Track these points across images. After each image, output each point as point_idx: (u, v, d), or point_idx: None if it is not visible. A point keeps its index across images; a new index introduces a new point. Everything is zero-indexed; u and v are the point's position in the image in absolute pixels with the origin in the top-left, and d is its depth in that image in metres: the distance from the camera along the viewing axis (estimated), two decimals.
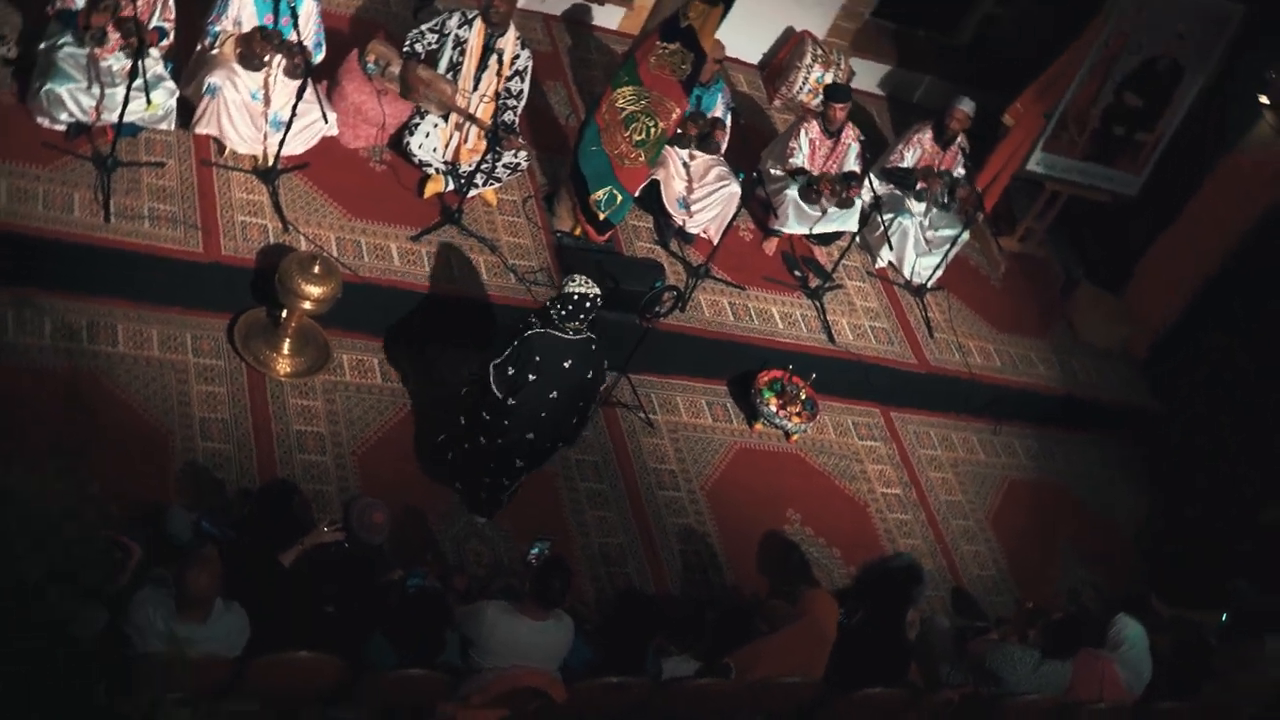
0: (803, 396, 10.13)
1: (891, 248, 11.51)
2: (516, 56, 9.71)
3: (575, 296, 7.89)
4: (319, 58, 9.23)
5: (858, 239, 11.54)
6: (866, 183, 10.96)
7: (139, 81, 8.51)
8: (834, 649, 7.83)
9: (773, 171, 11.15)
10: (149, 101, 8.72)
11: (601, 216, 9.92)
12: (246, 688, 6.52)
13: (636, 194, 10.11)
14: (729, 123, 10.90)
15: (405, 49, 9.59)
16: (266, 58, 8.95)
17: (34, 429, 7.37)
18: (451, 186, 9.82)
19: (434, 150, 9.72)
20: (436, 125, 9.69)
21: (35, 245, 8.21)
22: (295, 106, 8.95)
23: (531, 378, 7.91)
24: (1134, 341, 12.78)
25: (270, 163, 9.21)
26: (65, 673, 5.28)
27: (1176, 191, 12.70)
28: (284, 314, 8.55)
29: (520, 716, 6.85)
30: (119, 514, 7.06)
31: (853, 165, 11.10)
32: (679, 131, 10.35)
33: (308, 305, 8.41)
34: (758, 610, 8.39)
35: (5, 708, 4.71)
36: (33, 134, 8.62)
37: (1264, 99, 12.05)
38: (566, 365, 7.97)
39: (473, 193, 9.86)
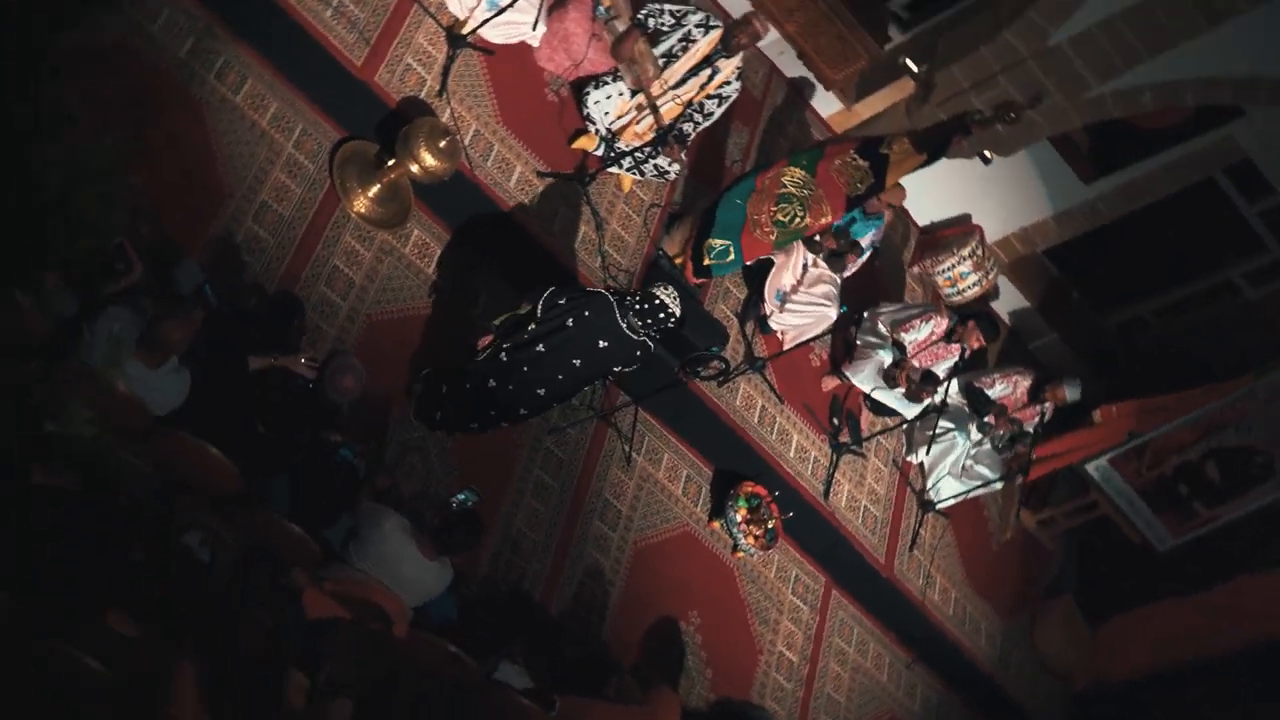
0: (769, 525, 10.08)
1: (928, 453, 11.47)
2: (727, 83, 9.74)
3: (657, 301, 7.93)
4: None
5: (905, 427, 11.50)
6: (944, 389, 10.94)
7: None
8: None
9: (878, 325, 11.12)
10: None
11: (706, 262, 9.92)
12: (149, 448, 6.51)
13: (748, 263, 10.12)
14: (865, 258, 10.90)
15: (639, 14, 9.63)
16: None
17: (128, 113, 7.44)
18: (600, 152, 9.84)
19: (605, 114, 9.75)
20: (621, 94, 9.71)
21: None
22: (517, 1, 9.01)
23: (569, 324, 7.89)
24: (1078, 675, 12.67)
25: (464, 32, 9.26)
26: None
27: (1211, 575, 12.58)
28: (390, 163, 8.56)
29: (355, 626, 6.79)
30: (143, 231, 7.10)
31: (942, 370, 11.06)
32: (817, 237, 10.36)
33: (415, 169, 8.43)
34: (612, 675, 8.33)
35: None
36: None
37: None
38: (602, 345, 7.94)
39: (613, 170, 9.89)
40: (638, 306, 7.92)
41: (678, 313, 7.96)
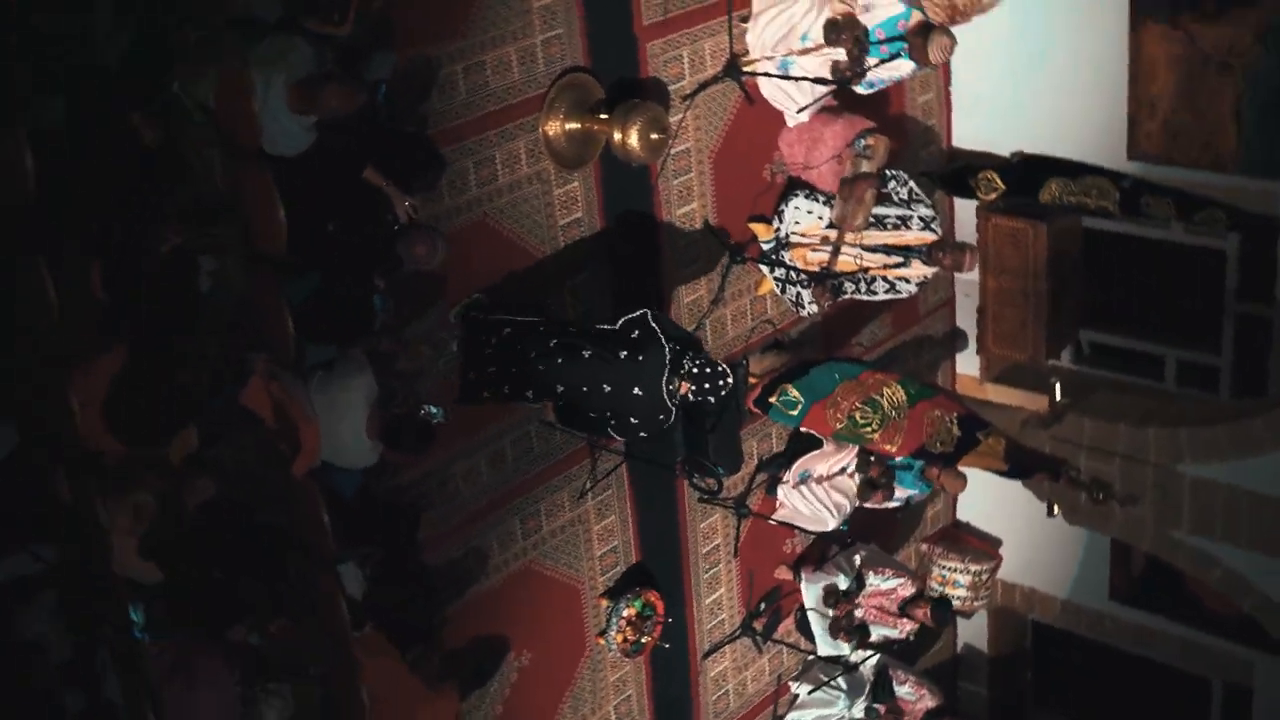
0: (643, 639, 9.99)
1: (809, 694, 11.35)
2: (906, 280, 9.78)
3: (720, 368, 7.95)
4: (862, 89, 9.32)
5: (811, 657, 11.40)
6: (864, 653, 10.87)
7: None
8: None
9: (854, 557, 11.03)
10: None
11: (771, 400, 9.89)
12: (237, 167, 6.55)
13: (802, 430, 10.09)
14: (890, 505, 10.82)
15: (887, 170, 9.67)
16: (845, 36, 8.93)
17: None
18: (766, 248, 9.87)
19: (795, 222, 9.79)
20: (821, 218, 9.74)
21: None
22: (805, 80, 9.08)
23: (622, 355, 7.89)
24: None
25: (744, 68, 9.32)
26: None
27: None
28: (602, 116, 8.63)
29: (269, 435, 6.79)
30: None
31: (883, 634, 10.97)
32: (871, 457, 10.31)
33: (617, 138, 8.53)
34: (423, 645, 8.30)
35: None
36: None
37: None
38: (636, 392, 7.93)
39: (763, 269, 9.91)
40: (695, 369, 7.87)
41: (728, 384, 7.94)
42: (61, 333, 6.01)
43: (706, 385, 7.90)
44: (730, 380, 8.00)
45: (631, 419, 8.09)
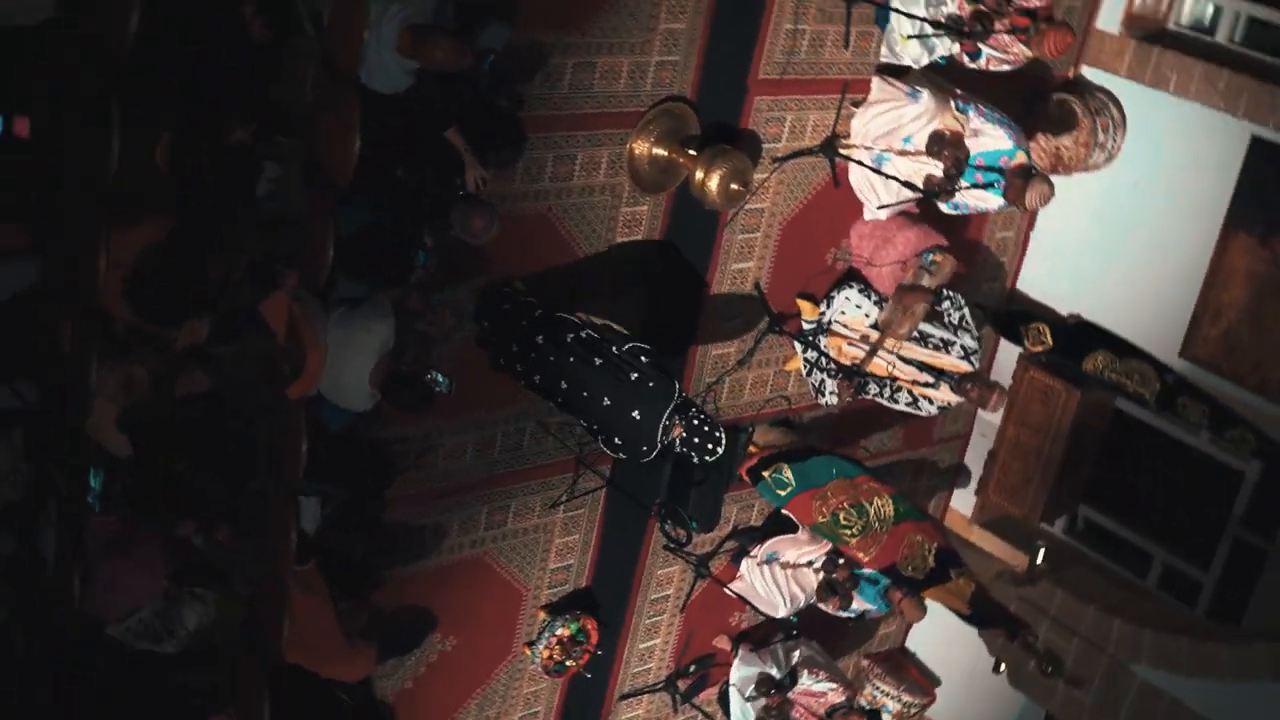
0: (568, 662, 9.96)
1: None
2: (930, 400, 9.75)
3: (717, 434, 7.93)
4: (946, 208, 9.32)
5: None
6: None
7: None
8: None
9: (792, 654, 10.95)
10: None
11: (764, 474, 9.87)
12: (330, 91, 6.60)
13: (784, 512, 10.06)
14: (843, 615, 10.75)
15: (945, 290, 9.67)
16: (947, 153, 8.94)
17: None
18: (805, 327, 9.87)
19: (841, 312, 9.78)
20: (867, 315, 9.73)
21: None
22: (895, 181, 9.10)
23: (632, 377, 7.89)
24: None
25: (840, 150, 9.34)
26: None
27: None
28: (689, 151, 8.64)
29: (276, 352, 6.81)
30: None
31: None
32: (841, 560, 10.27)
33: (698, 176, 8.54)
34: (361, 600, 8.31)
35: None
36: None
37: None
38: (634, 415, 7.92)
39: (797, 346, 9.91)
40: (695, 421, 7.88)
41: (717, 453, 7.93)
42: (113, 192, 6.05)
43: (697, 440, 7.90)
44: (720, 451, 7.98)
45: (616, 439, 8.08)
